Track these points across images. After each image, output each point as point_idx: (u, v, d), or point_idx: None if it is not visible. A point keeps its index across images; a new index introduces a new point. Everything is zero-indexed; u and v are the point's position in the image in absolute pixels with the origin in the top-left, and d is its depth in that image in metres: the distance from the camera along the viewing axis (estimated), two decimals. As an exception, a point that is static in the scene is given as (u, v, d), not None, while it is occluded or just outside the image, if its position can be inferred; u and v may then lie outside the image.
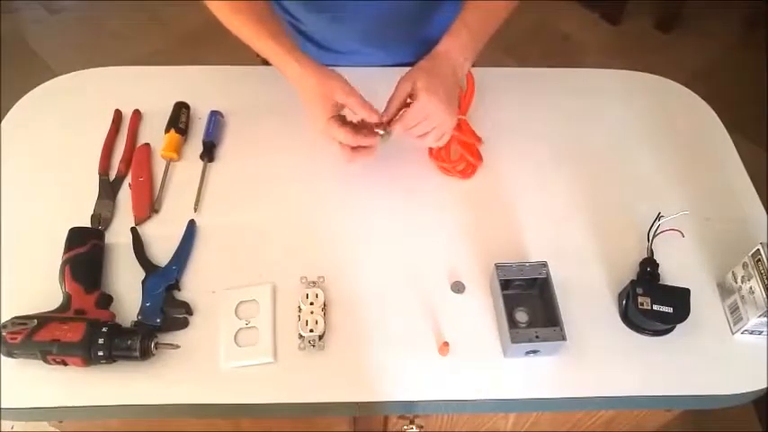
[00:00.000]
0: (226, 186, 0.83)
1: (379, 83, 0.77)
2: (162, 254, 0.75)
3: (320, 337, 0.70)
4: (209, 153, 0.85)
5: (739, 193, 0.86)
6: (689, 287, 0.72)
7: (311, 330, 0.69)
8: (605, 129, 0.92)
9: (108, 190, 0.81)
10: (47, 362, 0.65)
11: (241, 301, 0.72)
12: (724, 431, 1.31)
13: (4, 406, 0.65)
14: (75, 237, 0.73)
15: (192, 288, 0.73)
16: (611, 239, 0.80)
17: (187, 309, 0.71)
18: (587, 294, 0.75)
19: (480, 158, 0.86)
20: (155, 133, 0.87)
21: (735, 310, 0.73)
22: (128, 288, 0.72)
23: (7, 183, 0.82)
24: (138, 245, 0.75)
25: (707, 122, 0.95)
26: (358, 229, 0.80)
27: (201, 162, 0.85)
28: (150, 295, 0.71)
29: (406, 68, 0.75)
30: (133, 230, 0.77)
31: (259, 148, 0.87)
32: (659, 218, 0.78)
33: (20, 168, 0.83)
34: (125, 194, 0.81)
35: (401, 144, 0.78)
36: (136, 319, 0.69)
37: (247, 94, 0.93)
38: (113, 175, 0.83)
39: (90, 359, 0.64)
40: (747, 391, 0.69)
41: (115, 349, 0.65)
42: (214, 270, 0.75)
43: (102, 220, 0.78)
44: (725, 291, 0.75)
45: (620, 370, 0.70)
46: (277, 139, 0.88)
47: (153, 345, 0.66)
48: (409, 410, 0.71)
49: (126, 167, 0.84)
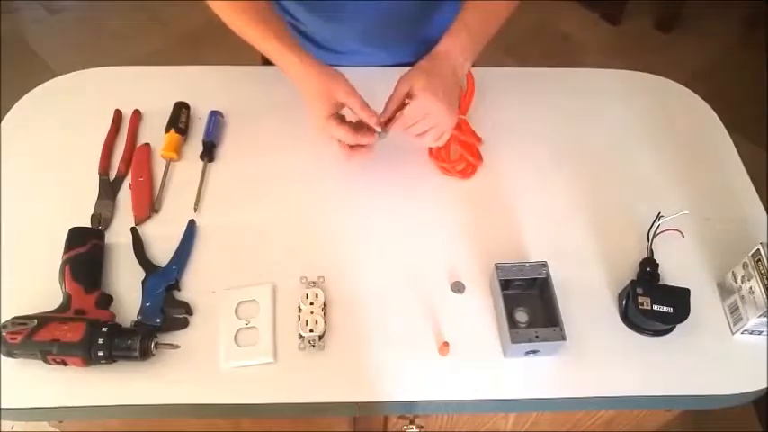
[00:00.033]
0: (226, 186, 0.83)
1: (379, 83, 0.77)
2: (162, 254, 0.75)
3: (320, 337, 0.70)
4: (209, 153, 0.85)
5: (739, 193, 0.86)
6: (689, 287, 0.72)
7: (311, 330, 0.69)
8: (605, 129, 0.92)
9: (108, 190, 0.81)
10: (47, 362, 0.65)
11: (241, 301, 0.72)
12: (724, 431, 1.31)
13: (4, 406, 0.65)
14: (75, 237, 0.73)
15: (192, 288, 0.73)
16: (611, 239, 0.80)
17: (187, 309, 0.71)
18: (587, 294, 0.75)
19: (480, 158, 0.86)
20: (155, 133, 0.87)
21: (735, 310, 0.73)
22: (128, 288, 0.72)
23: (7, 183, 0.82)
24: (138, 245, 0.75)
25: (707, 122, 0.95)
26: (358, 229, 0.80)
27: (201, 162, 0.85)
28: (150, 295, 0.71)
29: (406, 68, 0.75)
30: (133, 230, 0.77)
31: (259, 148, 0.87)
32: (659, 218, 0.78)
33: (20, 168, 0.83)
34: (125, 194, 0.81)
35: (401, 144, 0.78)
36: (136, 319, 0.69)
37: (247, 94, 0.93)
38: (113, 175, 0.83)
39: (90, 359, 0.64)
40: (747, 391, 0.69)
41: (115, 349, 0.65)
42: (214, 270, 0.75)
43: (102, 220, 0.78)
44: (725, 291, 0.75)
45: (620, 370, 0.70)
46: (277, 139, 0.88)
47: (153, 345, 0.66)
48: (409, 410, 0.71)
49: (126, 167, 0.84)
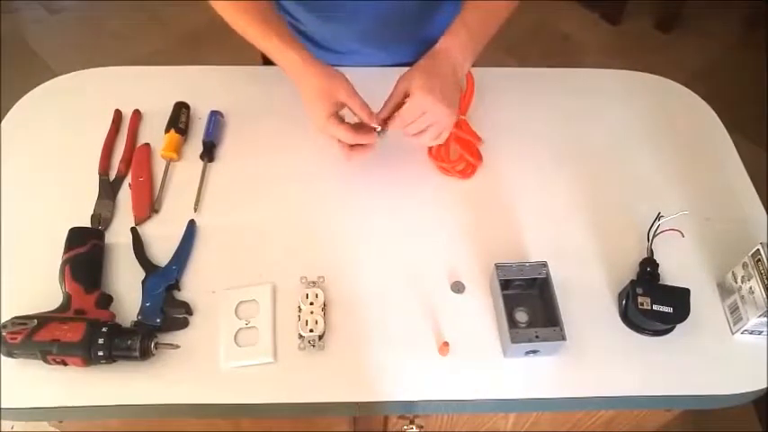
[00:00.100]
0: (226, 186, 0.83)
1: (379, 83, 0.77)
2: (162, 254, 0.75)
3: (320, 337, 0.70)
4: (209, 153, 0.85)
5: (739, 193, 0.86)
6: (689, 287, 0.72)
7: (311, 330, 0.69)
8: (605, 129, 0.92)
9: (108, 190, 0.81)
10: (47, 362, 0.65)
11: (241, 301, 0.72)
12: (724, 431, 1.31)
13: (4, 406, 0.65)
14: (75, 237, 0.73)
15: (192, 288, 0.73)
16: (611, 239, 0.80)
17: (187, 309, 0.71)
18: (587, 294, 0.75)
19: (480, 158, 0.85)
20: (155, 133, 0.87)
21: (735, 310, 0.73)
22: (128, 288, 0.72)
23: (7, 183, 0.82)
24: (138, 245, 0.75)
25: (707, 122, 0.95)
26: (358, 229, 0.80)
27: (201, 162, 0.85)
28: (150, 295, 0.71)
29: (406, 68, 0.75)
30: (133, 230, 0.77)
31: (259, 148, 0.87)
32: (659, 218, 0.78)
33: (20, 168, 0.83)
34: (125, 194, 0.81)
35: (401, 144, 0.78)
36: (136, 319, 0.69)
37: (247, 94, 0.93)
38: (113, 175, 0.83)
39: (90, 359, 0.64)
40: (747, 391, 0.69)
41: (115, 349, 0.65)
42: (214, 270, 0.75)
43: (102, 220, 0.78)
44: (725, 291, 0.75)
45: (620, 370, 0.70)
46: (277, 139, 0.88)
47: (153, 345, 0.66)
48: (409, 410, 0.71)
49: (126, 167, 0.84)
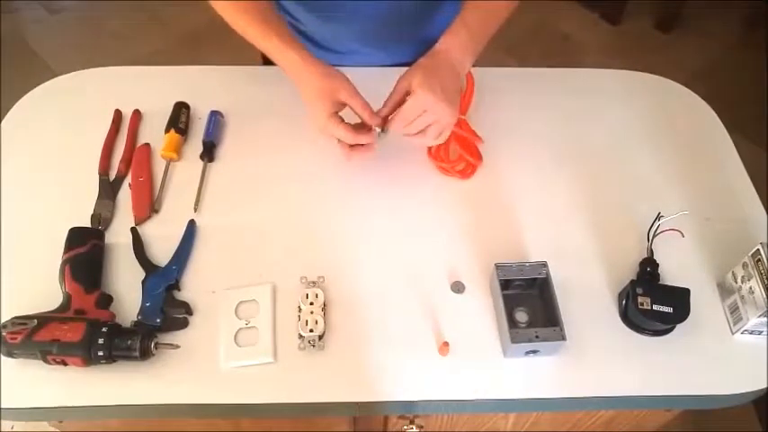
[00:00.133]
0: (226, 186, 0.83)
1: (379, 83, 0.77)
2: (162, 254, 0.75)
3: (320, 337, 0.70)
4: (209, 153, 0.85)
5: (739, 193, 0.86)
6: (689, 287, 0.72)
7: (311, 330, 0.69)
8: (605, 129, 0.92)
9: (108, 190, 0.81)
10: (47, 362, 0.65)
11: (241, 301, 0.72)
12: (724, 431, 1.31)
13: (4, 406, 0.65)
14: (76, 237, 0.73)
15: (192, 288, 0.73)
16: (611, 239, 0.80)
17: (187, 309, 0.71)
18: (587, 294, 0.75)
19: (480, 158, 0.85)
20: (155, 133, 0.87)
21: (735, 310, 0.72)
22: (128, 288, 0.72)
23: (7, 183, 0.82)
24: (138, 245, 0.75)
25: (707, 122, 0.95)
26: (358, 229, 0.80)
27: (201, 162, 0.84)
28: (150, 295, 0.71)
29: (406, 68, 0.75)
30: (133, 230, 0.77)
31: (259, 148, 0.87)
32: (659, 218, 0.78)
33: (20, 168, 0.83)
34: (125, 194, 0.81)
35: (401, 144, 0.78)
36: (136, 319, 0.69)
37: (247, 94, 0.93)
38: (113, 175, 0.83)
39: (90, 359, 0.64)
40: (747, 391, 0.69)
41: (115, 349, 0.65)
42: (214, 270, 0.75)
43: (102, 220, 0.78)
44: (725, 291, 0.75)
45: (620, 370, 0.70)
46: (277, 139, 0.88)
47: (153, 345, 0.66)
48: (409, 410, 0.71)
49: (126, 167, 0.84)
